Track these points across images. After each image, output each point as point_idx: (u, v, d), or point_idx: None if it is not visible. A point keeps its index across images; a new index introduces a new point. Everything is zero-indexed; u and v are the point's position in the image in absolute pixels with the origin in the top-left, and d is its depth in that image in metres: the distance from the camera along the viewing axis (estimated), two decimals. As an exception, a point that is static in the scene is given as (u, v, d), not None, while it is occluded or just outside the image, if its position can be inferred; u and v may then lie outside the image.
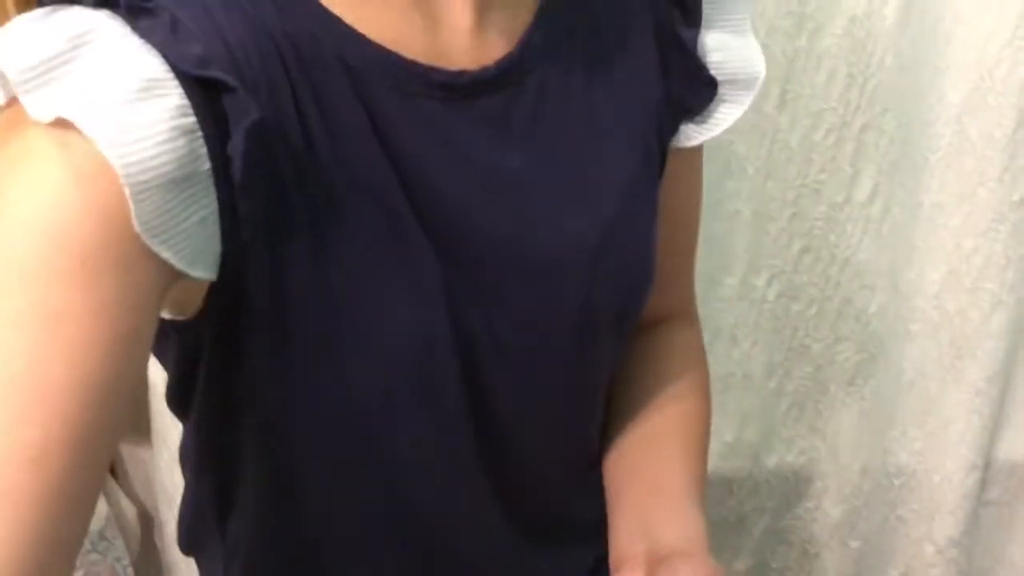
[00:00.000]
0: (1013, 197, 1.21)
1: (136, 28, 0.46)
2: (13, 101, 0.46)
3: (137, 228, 0.45)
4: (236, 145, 0.47)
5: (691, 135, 0.68)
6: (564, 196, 0.62)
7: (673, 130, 0.68)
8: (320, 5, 0.53)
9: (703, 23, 0.66)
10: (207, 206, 0.48)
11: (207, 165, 0.47)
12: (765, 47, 0.70)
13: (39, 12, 0.46)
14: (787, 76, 1.11)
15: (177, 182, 0.46)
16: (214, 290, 0.52)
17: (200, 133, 0.47)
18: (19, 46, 0.44)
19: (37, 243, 0.43)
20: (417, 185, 0.55)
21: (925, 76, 1.15)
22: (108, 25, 0.46)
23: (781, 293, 1.23)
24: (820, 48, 1.11)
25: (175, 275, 0.48)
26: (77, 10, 0.46)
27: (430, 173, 0.56)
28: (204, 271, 0.50)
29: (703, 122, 0.68)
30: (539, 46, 0.60)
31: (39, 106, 0.44)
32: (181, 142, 0.46)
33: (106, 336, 0.45)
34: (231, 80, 0.47)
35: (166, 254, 0.46)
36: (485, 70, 0.57)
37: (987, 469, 1.36)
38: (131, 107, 0.44)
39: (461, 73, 0.56)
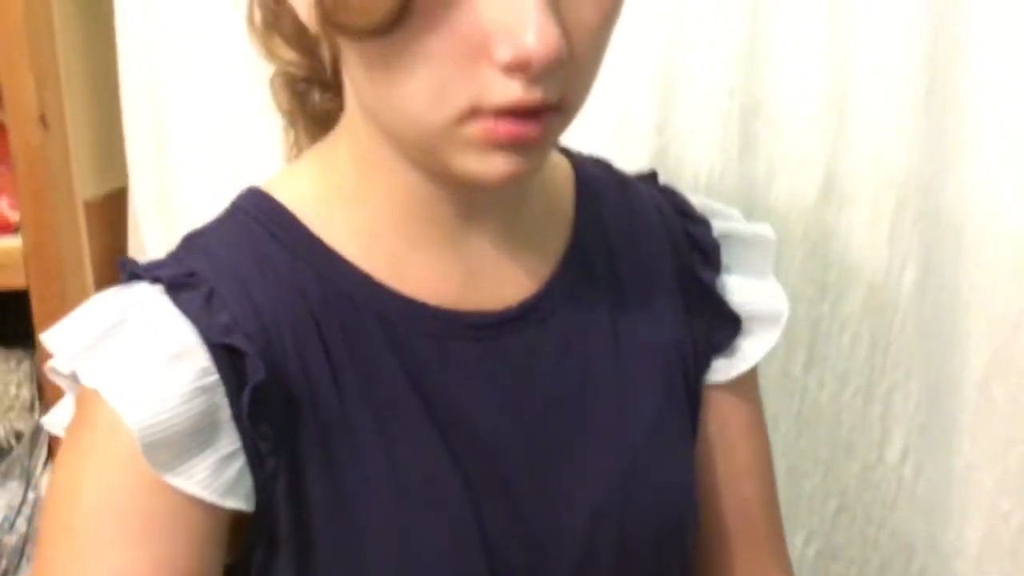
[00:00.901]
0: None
1: (176, 300, 0.56)
2: None
3: (161, 474, 0.53)
4: (244, 399, 0.55)
5: (722, 370, 0.72)
6: (589, 429, 0.65)
7: (704, 367, 0.71)
8: (359, 269, 0.60)
9: (722, 268, 0.71)
10: (232, 443, 0.56)
11: (228, 412, 0.55)
12: (791, 314, 0.75)
13: (112, 290, 0.58)
14: (812, 340, 1.16)
15: (201, 430, 0.54)
16: (251, 526, 0.58)
17: (223, 388, 0.55)
18: (81, 321, 0.56)
19: (102, 519, 0.53)
20: (450, 423, 0.61)
21: (947, 342, 1.19)
22: (155, 300, 0.56)
23: (819, 552, 1.23)
24: (843, 314, 1.16)
25: (222, 513, 0.56)
26: (135, 286, 0.57)
27: (462, 409, 0.61)
28: (237, 503, 0.56)
29: (731, 356, 0.71)
30: (562, 289, 0.66)
31: (86, 376, 0.54)
32: (201, 399, 0.54)
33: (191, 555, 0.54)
34: (244, 346, 0.55)
35: (195, 491, 0.54)
36: (508, 310, 0.63)
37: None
38: (158, 374, 0.53)
39: (485, 314, 0.63)
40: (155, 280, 0.57)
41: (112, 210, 1.26)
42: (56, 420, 0.61)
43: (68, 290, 1.17)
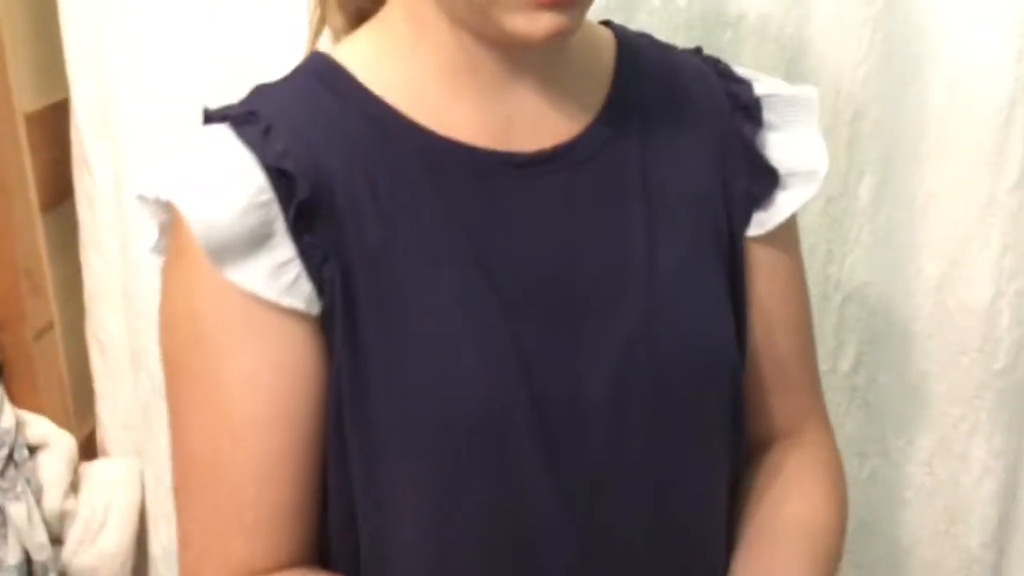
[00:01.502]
0: (995, 366, 1.25)
1: (239, 132, 0.65)
2: None
3: (222, 270, 0.62)
4: (290, 214, 0.64)
5: (759, 223, 0.75)
6: (620, 267, 0.69)
7: (744, 221, 0.75)
8: (405, 116, 0.67)
9: (764, 125, 0.75)
10: (288, 253, 0.64)
11: (283, 226, 0.64)
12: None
13: (199, 130, 0.67)
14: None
15: (256, 239, 0.63)
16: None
17: (277, 204, 0.64)
18: (174, 160, 0.66)
19: (220, 325, 0.64)
20: (489, 254, 0.66)
21: (903, 251, 1.20)
22: (221, 133, 0.65)
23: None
24: (800, 225, 1.16)
25: (301, 319, 0.64)
26: (211, 127, 0.66)
27: (501, 242, 0.67)
28: (295, 303, 0.64)
29: (768, 208, 0.75)
30: (598, 137, 0.71)
31: (164, 192, 0.64)
32: (257, 213, 0.63)
33: (270, 379, 0.64)
34: (293, 169, 0.63)
35: (256, 288, 0.63)
36: (544, 151, 0.69)
37: (989, 638, 1.35)
38: (220, 189, 0.63)
39: (524, 154, 0.68)
40: (222, 119, 0.66)
41: (53, 122, 1.23)
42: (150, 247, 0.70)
43: (12, 202, 1.15)
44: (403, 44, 0.68)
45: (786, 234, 0.77)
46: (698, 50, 0.81)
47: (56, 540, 1.20)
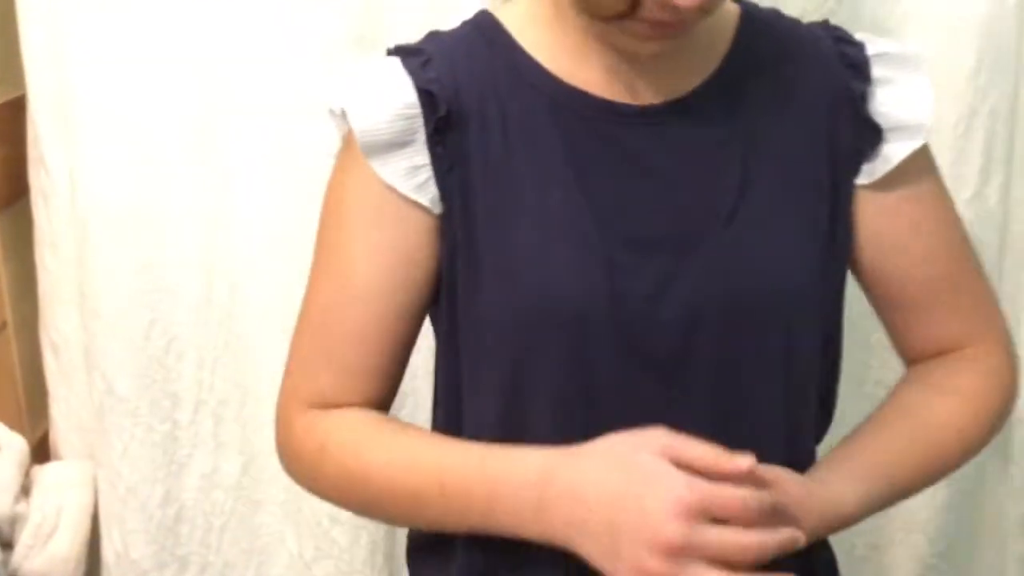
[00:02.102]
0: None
1: (403, 61, 0.79)
2: None
3: (369, 159, 0.77)
4: (429, 125, 0.77)
5: (868, 173, 0.80)
6: (713, 207, 0.76)
7: (852, 172, 0.81)
8: (544, 68, 0.79)
9: (873, 82, 0.80)
10: (423, 159, 0.77)
11: (423, 137, 0.77)
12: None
13: (376, 59, 0.80)
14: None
15: (400, 143, 0.77)
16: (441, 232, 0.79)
17: (421, 119, 0.77)
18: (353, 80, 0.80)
19: (357, 208, 0.79)
20: (596, 191, 0.76)
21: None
22: (392, 63, 0.79)
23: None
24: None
25: (427, 216, 0.78)
26: (384, 59, 0.80)
27: (608, 181, 0.76)
28: (424, 200, 0.77)
29: (875, 160, 0.80)
30: (708, 94, 0.79)
31: (339, 99, 0.78)
32: (404, 122, 0.77)
33: (389, 257, 0.78)
34: (437, 91, 0.77)
35: (394, 180, 0.77)
36: (653, 105, 0.78)
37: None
38: (378, 100, 0.77)
39: (637, 107, 0.78)
40: (395, 53, 0.80)
41: (9, 120, 1.21)
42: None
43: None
44: (548, 15, 0.80)
45: (906, 179, 0.81)
46: (824, 22, 0.86)
47: (6, 544, 1.18)
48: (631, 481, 0.67)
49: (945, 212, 0.84)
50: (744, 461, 0.67)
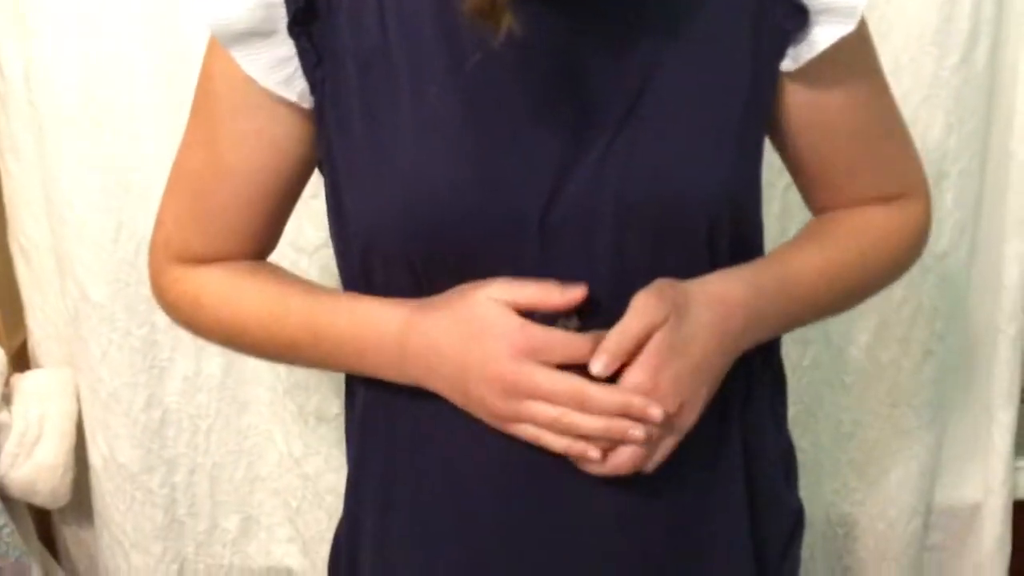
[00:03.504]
0: (936, 248, 1.25)
1: None
2: None
3: (229, 49, 0.72)
4: (289, 14, 0.72)
5: (794, 57, 0.75)
6: (613, 96, 0.71)
7: (778, 55, 0.75)
8: None
9: None
10: (288, 50, 0.73)
11: (285, 25, 0.72)
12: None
13: None
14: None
15: (262, 33, 0.72)
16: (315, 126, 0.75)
17: (283, 8, 0.72)
18: None
19: (224, 90, 0.76)
20: (484, 72, 0.70)
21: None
22: None
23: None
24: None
25: (292, 108, 0.74)
26: None
27: (498, 64, 0.70)
28: (290, 95, 0.73)
29: (800, 44, 0.74)
30: None
31: None
32: (264, 11, 0.72)
33: (256, 145, 0.76)
34: None
35: (257, 73, 0.72)
36: None
37: (928, 515, 1.38)
38: None
39: None
40: None
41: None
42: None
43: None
44: None
45: (835, 66, 0.76)
46: None
47: (-9, 453, 1.17)
48: (473, 328, 0.70)
49: (874, 95, 0.80)
50: (574, 292, 0.70)
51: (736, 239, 0.77)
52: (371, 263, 0.75)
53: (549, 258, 0.72)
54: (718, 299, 0.72)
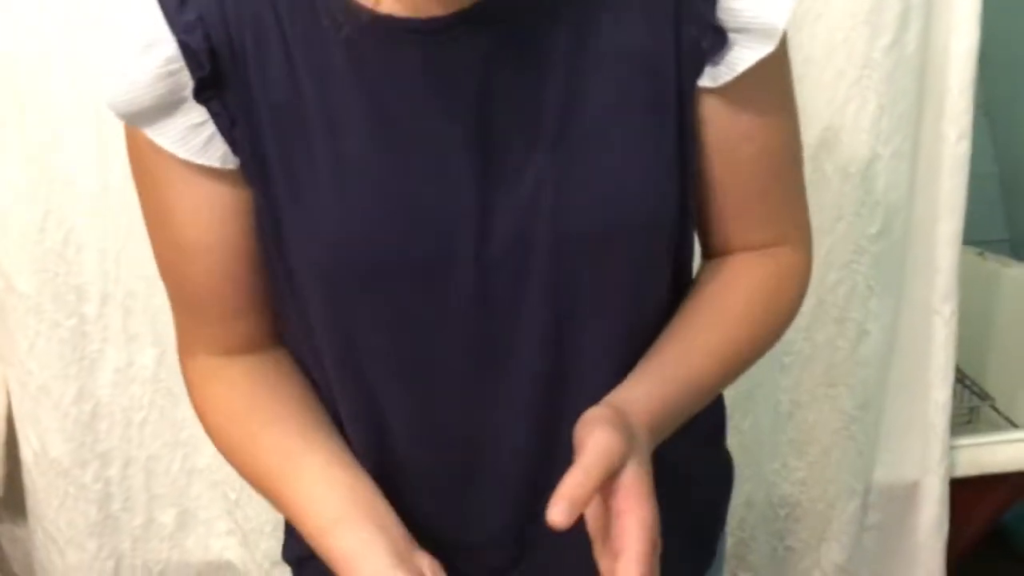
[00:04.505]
0: (870, 230, 1.26)
1: (162, 6, 0.69)
2: None
3: (141, 129, 0.69)
4: (192, 86, 0.69)
5: (712, 76, 0.73)
6: (535, 127, 0.69)
7: (694, 72, 0.72)
8: None
9: None
10: (200, 116, 0.69)
11: (190, 89, 0.69)
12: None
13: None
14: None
15: (169, 104, 0.69)
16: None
17: (187, 72, 0.68)
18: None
19: (146, 176, 0.73)
20: (399, 116, 0.69)
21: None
22: (151, 9, 0.69)
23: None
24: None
25: (219, 172, 0.71)
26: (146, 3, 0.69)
27: (407, 109, 0.69)
28: (211, 161, 0.70)
29: (719, 64, 0.72)
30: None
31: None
32: (167, 81, 0.68)
33: (208, 214, 0.72)
34: (196, 44, 0.68)
35: (171, 147, 0.69)
36: (453, 15, 0.68)
37: (867, 495, 1.39)
38: (132, 62, 0.68)
39: (436, 19, 0.68)
40: None
41: None
42: None
43: None
44: None
45: (750, 87, 0.74)
46: None
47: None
48: None
49: (783, 124, 0.78)
50: None
51: (676, 258, 0.76)
52: (306, 297, 0.74)
53: (486, 292, 0.71)
54: (646, 424, 0.69)
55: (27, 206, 1.15)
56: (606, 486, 0.63)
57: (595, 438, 0.63)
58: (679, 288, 0.79)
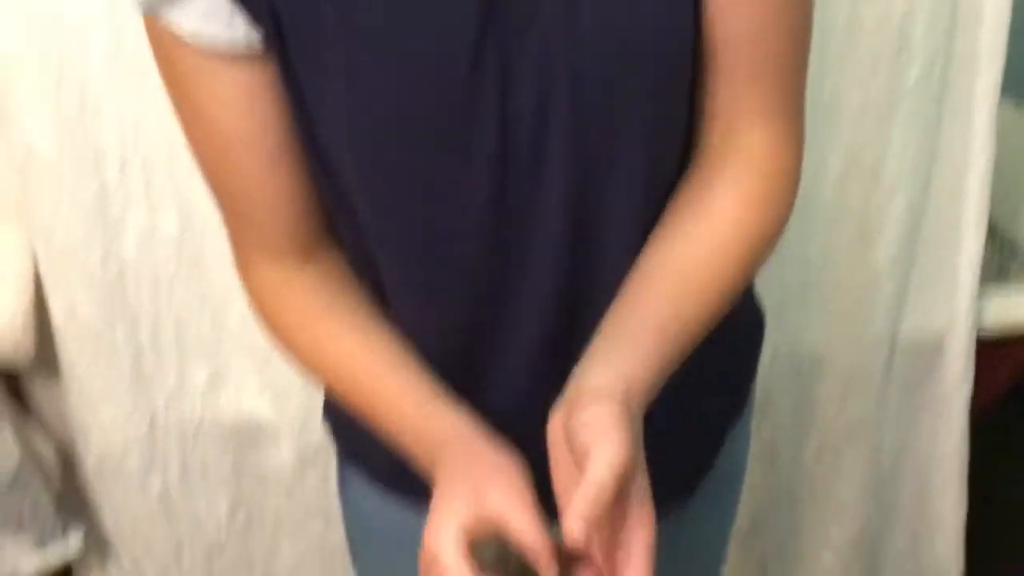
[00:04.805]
0: (907, 82, 1.22)
1: None
2: None
3: (181, 27, 0.67)
4: None
5: None
6: None
7: None
8: None
9: None
10: None
11: None
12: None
13: None
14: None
15: None
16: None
17: None
18: None
19: (172, 68, 0.71)
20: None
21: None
22: None
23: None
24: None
25: (247, 50, 0.69)
26: None
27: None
28: (236, 34, 0.68)
29: None
30: None
31: None
32: None
33: (242, 101, 0.70)
34: None
35: (194, 24, 0.67)
36: None
37: (893, 349, 1.39)
38: None
39: None
40: None
41: None
42: None
43: None
44: None
45: None
46: None
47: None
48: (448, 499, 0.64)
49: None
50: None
51: (689, 114, 0.73)
52: (341, 177, 0.72)
53: (507, 150, 0.69)
54: (643, 400, 0.66)
55: (42, 61, 1.13)
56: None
57: (607, 452, 0.59)
58: (689, 152, 0.76)
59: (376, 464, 0.89)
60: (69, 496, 1.46)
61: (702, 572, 1.03)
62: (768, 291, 1.30)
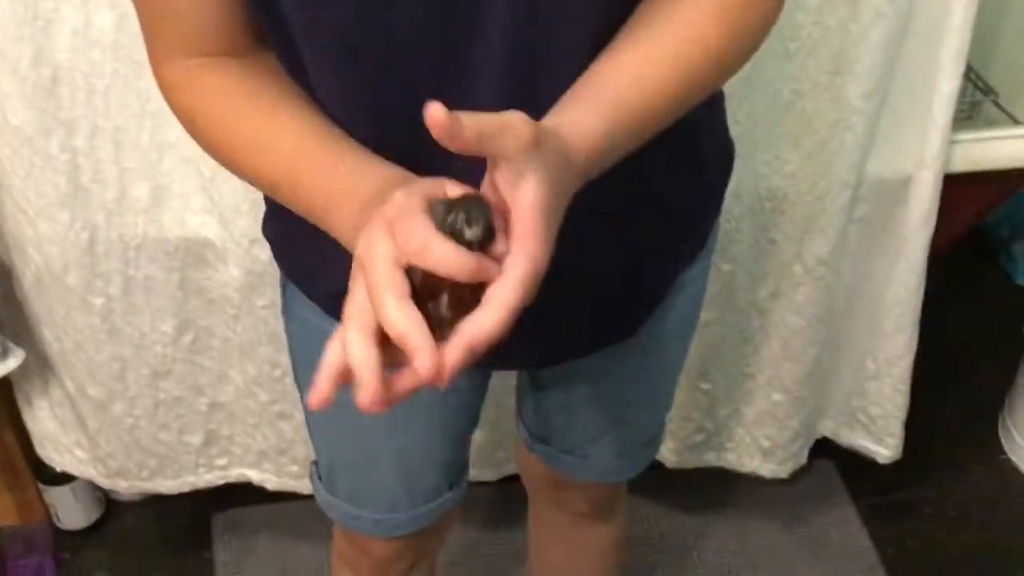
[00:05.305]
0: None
1: None
2: None
3: None
4: None
5: None
6: None
7: None
8: None
9: None
10: None
11: None
12: None
13: None
14: None
15: None
16: None
17: None
18: None
19: None
20: None
21: None
22: None
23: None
24: None
25: None
26: None
27: None
28: None
29: None
30: None
31: None
32: None
33: None
34: None
35: None
36: None
37: (859, 187, 1.36)
38: None
39: None
40: None
41: None
42: None
43: None
44: None
45: None
46: None
47: None
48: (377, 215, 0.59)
49: None
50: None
51: None
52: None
53: None
54: (584, 160, 0.62)
55: None
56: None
57: (526, 195, 0.56)
58: None
59: (317, 284, 0.85)
60: (9, 314, 1.42)
61: (650, 400, 1.03)
62: (736, 127, 1.26)
